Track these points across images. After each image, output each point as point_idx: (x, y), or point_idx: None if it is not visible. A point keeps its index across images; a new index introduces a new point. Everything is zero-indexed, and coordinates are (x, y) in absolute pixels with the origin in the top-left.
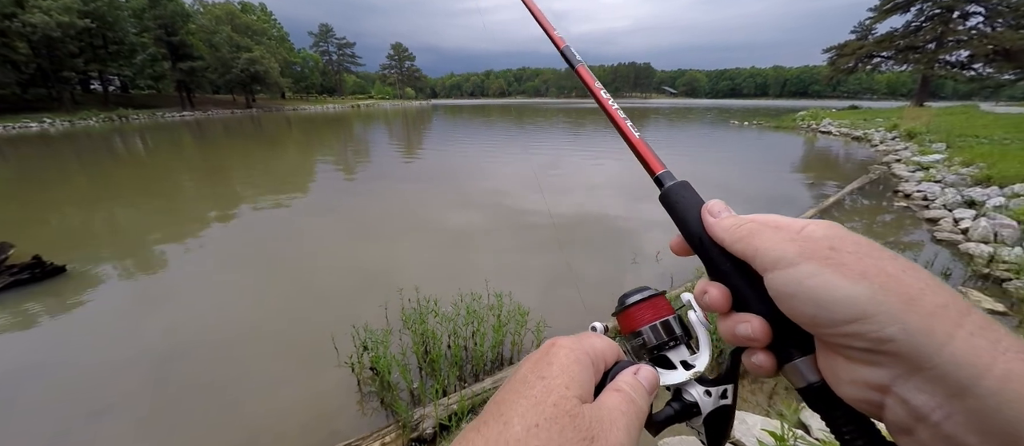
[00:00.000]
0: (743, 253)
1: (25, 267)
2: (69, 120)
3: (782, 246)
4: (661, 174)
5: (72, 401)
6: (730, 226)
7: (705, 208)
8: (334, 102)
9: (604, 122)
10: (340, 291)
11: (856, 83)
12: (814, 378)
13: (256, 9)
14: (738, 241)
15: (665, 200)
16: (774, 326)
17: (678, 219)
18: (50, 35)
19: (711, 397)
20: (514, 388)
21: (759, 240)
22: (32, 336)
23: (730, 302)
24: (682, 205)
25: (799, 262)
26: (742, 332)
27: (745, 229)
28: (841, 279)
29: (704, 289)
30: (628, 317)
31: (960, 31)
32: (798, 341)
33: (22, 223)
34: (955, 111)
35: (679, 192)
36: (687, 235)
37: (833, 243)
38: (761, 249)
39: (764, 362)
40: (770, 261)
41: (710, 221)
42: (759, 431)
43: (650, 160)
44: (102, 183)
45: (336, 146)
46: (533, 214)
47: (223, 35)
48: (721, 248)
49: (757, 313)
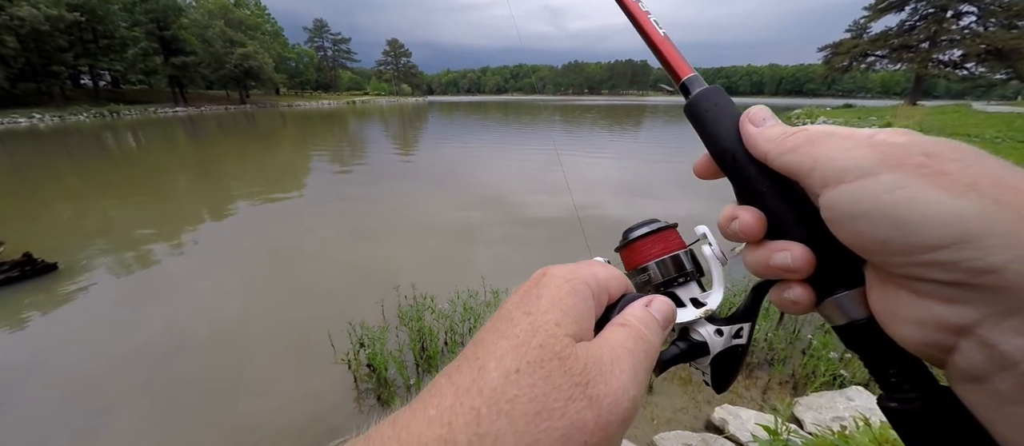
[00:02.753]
0: (794, 166)
1: (15, 265)
2: (59, 115)
3: (855, 153)
4: (688, 79)
5: (65, 401)
6: (778, 135)
7: (746, 116)
8: (329, 98)
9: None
10: (336, 288)
11: (851, 82)
12: (860, 314)
13: (250, 4)
14: (789, 152)
15: (692, 110)
16: (819, 255)
17: (707, 133)
18: (38, 29)
19: (723, 336)
20: (495, 326)
21: (820, 148)
22: (23, 335)
23: (764, 228)
24: (714, 114)
25: (879, 172)
26: (779, 262)
27: (799, 138)
28: (939, 192)
29: (733, 215)
30: (633, 252)
31: (953, 30)
32: (845, 272)
33: (12, 220)
34: (948, 110)
35: (711, 99)
36: (717, 152)
37: (926, 148)
38: (823, 158)
39: (800, 297)
40: (835, 173)
41: (751, 131)
42: (753, 425)
43: (675, 63)
44: (93, 180)
45: (331, 143)
46: (530, 212)
47: (216, 30)
48: (760, 164)
49: (799, 239)
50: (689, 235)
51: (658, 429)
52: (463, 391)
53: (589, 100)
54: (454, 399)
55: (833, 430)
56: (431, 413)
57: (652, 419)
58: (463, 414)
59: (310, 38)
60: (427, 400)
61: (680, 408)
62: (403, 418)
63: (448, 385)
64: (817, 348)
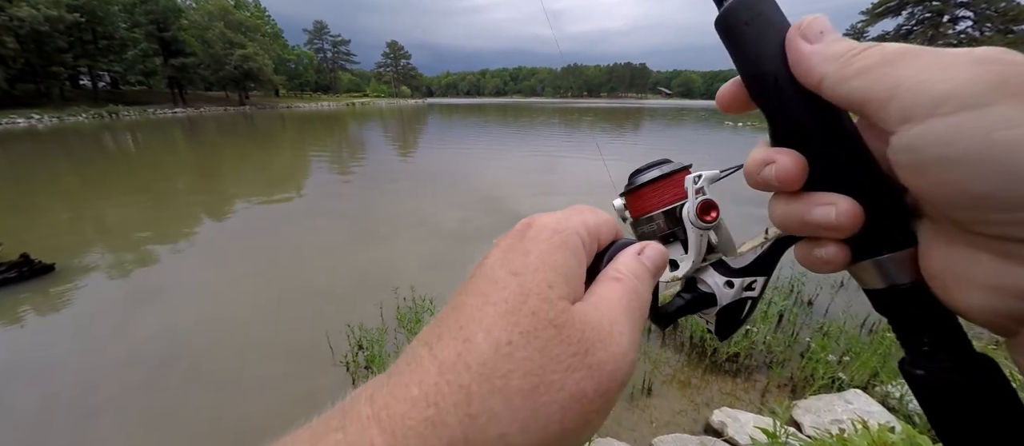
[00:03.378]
0: (862, 95)
1: (13, 266)
2: (58, 116)
3: (955, 74)
4: None
5: (62, 401)
6: (844, 51)
7: (797, 28)
8: (329, 100)
9: (604, 121)
10: (335, 289)
11: None
12: (904, 279)
13: (250, 5)
14: (858, 74)
15: (727, 22)
16: (868, 211)
17: (743, 52)
18: (38, 29)
19: (733, 288)
20: (478, 288)
21: (904, 68)
22: (20, 336)
23: (806, 176)
24: (755, 25)
25: (993, 101)
26: (819, 218)
27: (874, 53)
28: None
29: (767, 158)
30: (641, 198)
31: (950, 35)
32: (895, 233)
33: (9, 221)
34: None
35: (752, 6)
36: (754, 74)
37: None
38: (909, 82)
39: (834, 256)
40: (926, 102)
41: (805, 48)
42: (752, 428)
43: None
44: (91, 181)
45: (330, 144)
46: (529, 213)
47: (216, 31)
48: (808, 94)
49: (846, 192)
50: None
51: (657, 432)
52: (449, 366)
53: (587, 103)
54: (439, 376)
55: (832, 433)
56: (414, 393)
57: (651, 422)
58: (451, 394)
59: (310, 40)
60: (407, 375)
61: (679, 411)
62: (381, 395)
63: (430, 358)
64: (816, 351)
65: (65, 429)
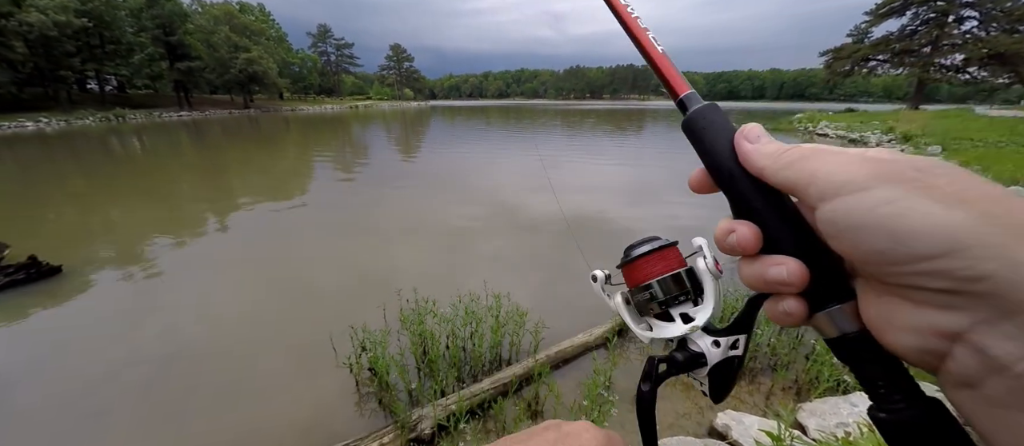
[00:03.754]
0: (791, 182)
1: (21, 267)
2: (66, 120)
3: (849, 168)
4: (686, 96)
5: (69, 402)
6: (774, 151)
7: (741, 133)
8: (332, 103)
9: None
10: (338, 292)
11: (853, 86)
12: (851, 327)
13: (254, 9)
14: (785, 168)
15: (690, 126)
16: (813, 269)
17: (703, 148)
18: (47, 34)
19: (720, 347)
20: None
21: (816, 163)
22: (27, 337)
23: (760, 242)
24: (711, 131)
25: (872, 186)
26: (774, 276)
27: (794, 154)
28: (930, 204)
29: (730, 228)
30: (635, 269)
31: (955, 35)
32: (837, 286)
33: (18, 223)
34: (950, 114)
35: (707, 116)
36: (713, 167)
37: (917, 164)
38: (819, 173)
39: (794, 309)
40: (831, 187)
41: (747, 148)
42: (756, 431)
43: (673, 80)
44: (99, 183)
45: (334, 147)
46: (531, 215)
47: (221, 35)
48: (755, 180)
49: (792, 254)
50: (686, 247)
51: (660, 435)
52: None
53: (590, 104)
54: None
55: (837, 436)
56: None
57: None
58: None
59: (314, 43)
60: None
61: (683, 414)
62: None
63: None
64: (820, 353)
65: (71, 429)
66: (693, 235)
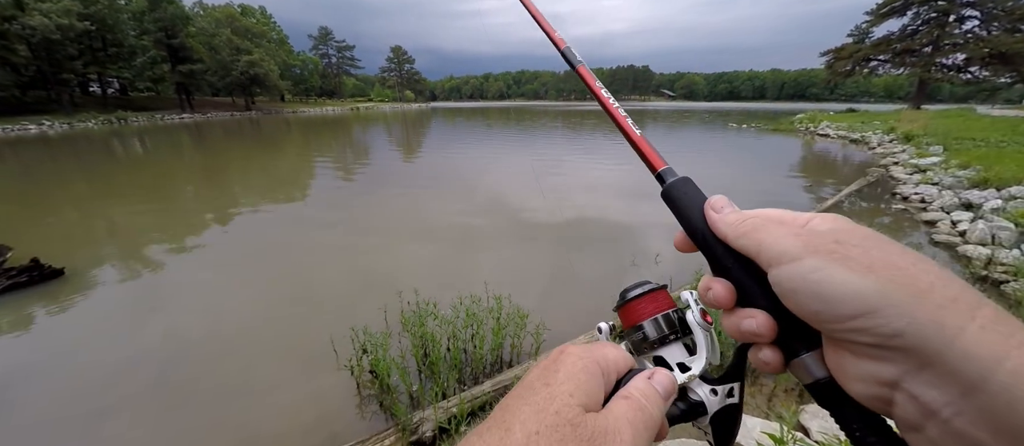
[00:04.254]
0: (746, 249)
1: (23, 270)
2: (68, 122)
3: (785, 241)
4: (663, 171)
5: (71, 404)
6: (733, 222)
7: (708, 204)
8: (333, 105)
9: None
10: (339, 293)
11: (854, 86)
12: (821, 374)
13: (256, 12)
14: (741, 237)
15: (667, 197)
16: (779, 321)
17: (681, 215)
18: (49, 37)
19: (718, 396)
20: (519, 394)
21: (762, 235)
22: (30, 339)
23: (734, 298)
24: (684, 201)
25: (803, 257)
26: (747, 327)
27: (748, 224)
28: (846, 273)
29: (708, 286)
30: (629, 311)
31: (956, 35)
32: (804, 336)
33: (20, 226)
34: (952, 114)
35: (681, 188)
36: (690, 231)
37: (838, 236)
38: (764, 244)
39: (771, 358)
40: (774, 256)
41: (713, 217)
42: (759, 433)
43: (652, 157)
44: (101, 186)
45: (335, 148)
46: (532, 217)
47: (223, 38)
48: (724, 244)
49: (762, 308)
50: None
51: (661, 437)
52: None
53: (591, 106)
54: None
55: (840, 438)
56: None
57: None
58: None
59: (315, 45)
60: None
61: None
62: None
63: (480, 443)
64: None
65: (73, 431)
66: None
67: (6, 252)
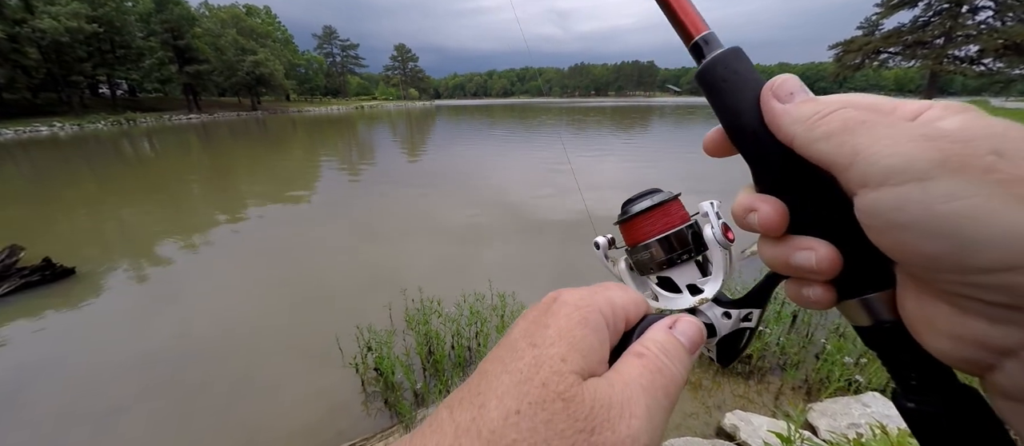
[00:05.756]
0: (827, 157)
1: (35, 269)
2: (78, 124)
3: (905, 148)
4: (702, 37)
5: (83, 400)
6: (809, 114)
7: (769, 87)
8: (338, 104)
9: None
10: (345, 291)
11: (863, 80)
12: (887, 317)
13: (261, 12)
14: (822, 139)
15: (706, 77)
16: (846, 256)
17: (723, 105)
18: (59, 40)
19: (730, 319)
20: (500, 356)
21: (862, 137)
22: (42, 337)
23: (787, 222)
24: (731, 82)
25: (935, 175)
26: (801, 261)
27: (837, 119)
28: (1011, 206)
29: (751, 205)
30: (633, 227)
31: (969, 26)
32: (875, 274)
33: (33, 226)
34: None
35: (728, 64)
36: (733, 127)
37: (999, 145)
38: (865, 152)
39: (821, 296)
40: (878, 172)
41: (776, 108)
42: (765, 432)
43: (688, 16)
44: (111, 186)
45: (340, 147)
46: (537, 214)
47: (229, 38)
48: (784, 148)
49: (825, 239)
50: (693, 208)
51: (667, 435)
52: (463, 430)
53: (595, 102)
54: (454, 439)
55: (848, 437)
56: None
57: None
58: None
59: (319, 45)
60: (428, 436)
61: (690, 413)
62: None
63: (449, 421)
64: (831, 352)
65: (84, 427)
66: None
67: (19, 252)
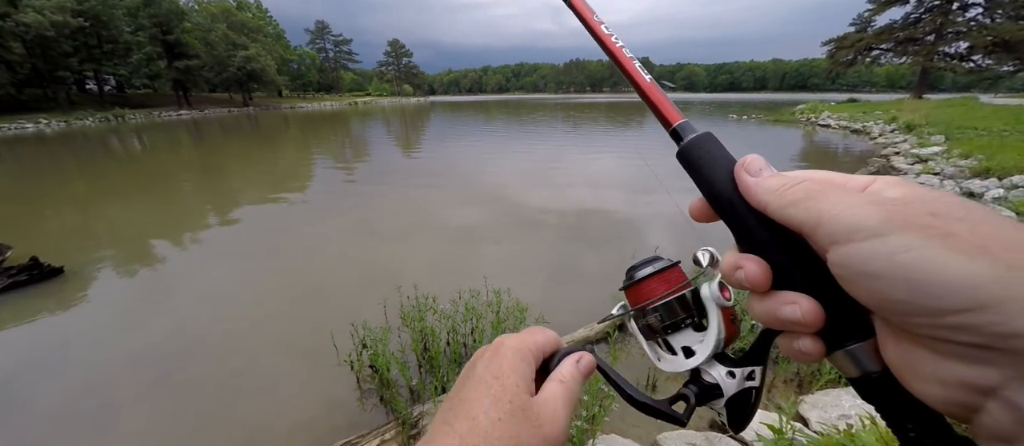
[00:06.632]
0: (797, 221)
1: (23, 269)
2: (65, 120)
3: (858, 211)
4: (679, 125)
5: (73, 400)
6: (776, 187)
7: (741, 164)
8: (331, 100)
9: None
10: (339, 288)
11: (855, 76)
12: (874, 367)
13: (251, 7)
14: (790, 206)
15: (685, 156)
16: (827, 308)
17: (701, 179)
18: (44, 34)
19: (735, 378)
20: (475, 388)
21: (823, 203)
22: (32, 337)
23: (771, 278)
24: (707, 161)
25: (888, 232)
26: (787, 315)
27: (800, 190)
28: (952, 255)
29: (737, 264)
30: (637, 291)
31: (959, 23)
32: (856, 324)
33: (20, 224)
34: (954, 103)
35: (702, 146)
36: (713, 197)
37: (932, 206)
38: (829, 215)
39: (811, 348)
40: (842, 231)
41: (748, 181)
42: (757, 424)
43: (665, 110)
44: (99, 183)
45: (333, 144)
46: (533, 210)
47: (219, 33)
48: (760, 214)
49: (807, 292)
50: (691, 253)
51: (661, 428)
52: (466, 434)
53: (590, 98)
54: (459, 440)
55: (839, 429)
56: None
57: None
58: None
59: (312, 40)
60: (438, 440)
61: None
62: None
63: (452, 432)
64: None
65: (76, 428)
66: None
67: (5, 251)
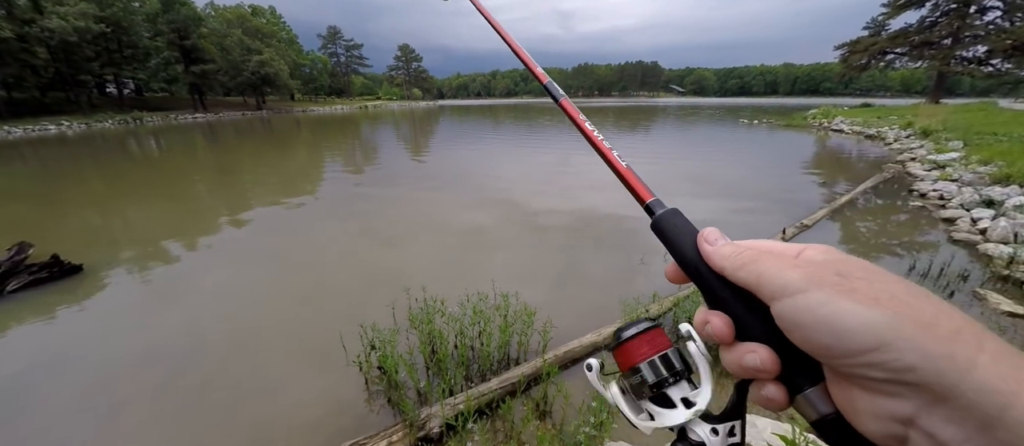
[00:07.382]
0: (745, 281)
1: (44, 266)
2: (86, 122)
3: (788, 273)
4: (651, 202)
5: (88, 396)
6: (729, 254)
7: (701, 236)
8: (342, 103)
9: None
10: (348, 290)
11: (869, 80)
12: (828, 409)
13: (266, 12)
14: (739, 269)
15: (657, 228)
16: (782, 355)
17: (672, 247)
18: (67, 40)
19: (719, 436)
20: None
21: (762, 266)
22: (50, 334)
23: (733, 331)
24: (675, 233)
25: (808, 289)
26: (749, 363)
27: (746, 256)
28: (854, 305)
29: (705, 319)
30: (625, 352)
31: (977, 26)
32: (808, 370)
33: (42, 223)
34: (972, 108)
35: (670, 220)
36: (682, 263)
37: (839, 268)
38: (765, 276)
39: (775, 394)
40: (777, 288)
41: (707, 249)
42: (769, 434)
43: (639, 189)
44: (118, 184)
45: (345, 147)
46: (540, 214)
47: (234, 38)
48: (720, 276)
49: (763, 342)
50: None
51: (669, 436)
52: None
53: (599, 102)
54: None
55: None
56: None
57: None
58: None
59: (324, 45)
60: None
61: None
62: None
63: None
64: None
65: (90, 423)
66: (704, 226)
67: (27, 249)
